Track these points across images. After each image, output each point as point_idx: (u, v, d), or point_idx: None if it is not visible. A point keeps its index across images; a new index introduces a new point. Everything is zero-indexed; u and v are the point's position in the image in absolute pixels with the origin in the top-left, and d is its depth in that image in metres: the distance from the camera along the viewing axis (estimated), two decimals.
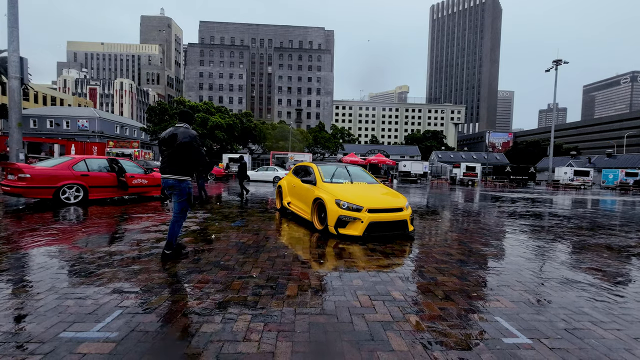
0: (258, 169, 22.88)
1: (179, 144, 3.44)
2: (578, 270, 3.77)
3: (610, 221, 8.10)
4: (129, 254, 3.73)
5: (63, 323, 2.11)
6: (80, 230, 4.95)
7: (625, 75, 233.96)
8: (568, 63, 32.15)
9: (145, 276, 3.03)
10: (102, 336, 1.97)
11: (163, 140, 3.52)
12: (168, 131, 3.55)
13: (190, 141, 3.48)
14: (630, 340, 2.16)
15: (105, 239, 4.45)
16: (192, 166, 3.60)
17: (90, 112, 51.18)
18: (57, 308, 2.32)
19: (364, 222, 4.72)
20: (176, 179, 3.52)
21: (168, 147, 3.49)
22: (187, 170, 3.57)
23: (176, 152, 3.47)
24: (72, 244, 4.16)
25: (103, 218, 6.05)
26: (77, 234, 4.70)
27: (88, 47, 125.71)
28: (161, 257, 3.57)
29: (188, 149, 3.48)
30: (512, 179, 34.38)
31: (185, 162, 3.52)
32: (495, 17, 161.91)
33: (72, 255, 3.67)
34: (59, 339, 1.92)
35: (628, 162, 52.00)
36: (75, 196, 7.54)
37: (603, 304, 2.78)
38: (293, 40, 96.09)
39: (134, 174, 8.63)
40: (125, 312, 2.29)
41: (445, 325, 2.29)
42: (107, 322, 2.15)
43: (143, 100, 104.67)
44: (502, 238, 5.60)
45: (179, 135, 3.46)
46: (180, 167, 3.51)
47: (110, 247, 4.05)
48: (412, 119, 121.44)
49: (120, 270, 3.18)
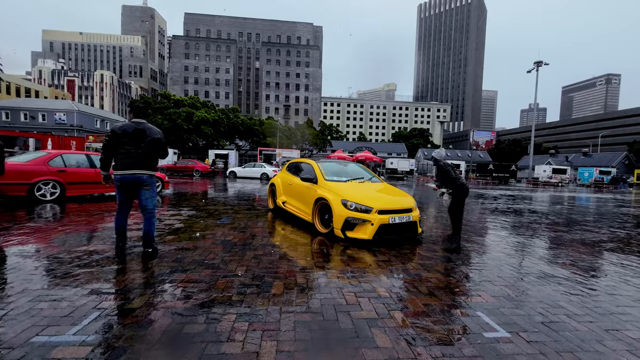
0: (245, 166, 22.59)
1: (151, 140, 3.49)
2: (555, 265, 3.92)
3: (584, 217, 8.48)
4: (108, 253, 3.60)
5: (36, 327, 2.01)
6: (56, 228, 4.74)
7: (601, 78, 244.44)
8: (548, 64, 33.28)
9: (125, 276, 2.94)
10: (77, 340, 1.90)
11: (125, 135, 3.40)
12: (128, 126, 3.46)
13: (160, 137, 3.60)
14: (601, 332, 2.27)
15: (84, 238, 4.28)
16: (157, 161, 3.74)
17: (68, 104, 48.95)
18: (29, 311, 2.21)
19: (374, 225, 4.36)
20: (149, 175, 3.57)
21: (134, 143, 3.44)
22: (156, 165, 3.71)
23: (147, 147, 3.49)
24: (47, 243, 3.97)
25: (81, 216, 5.81)
26: (53, 232, 4.50)
27: (65, 36, 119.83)
28: (143, 257, 3.49)
29: (160, 145, 3.59)
30: (494, 177, 35.42)
31: (155, 158, 3.63)
32: (480, 18, 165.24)
33: (48, 255, 3.51)
34: (30, 344, 1.83)
35: (602, 161, 54.53)
36: (52, 193, 7.22)
37: (577, 298, 2.90)
38: (281, 35, 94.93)
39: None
40: (104, 314, 2.21)
41: (428, 321, 2.33)
42: (84, 324, 2.06)
43: (125, 94, 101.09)
44: (485, 234, 5.75)
45: (148, 131, 3.49)
46: (151, 162, 3.58)
47: (88, 246, 3.89)
48: (400, 117, 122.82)
49: (99, 270, 3.07)
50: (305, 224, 5.63)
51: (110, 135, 3.41)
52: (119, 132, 3.40)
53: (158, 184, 9.58)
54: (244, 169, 22.05)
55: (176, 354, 1.81)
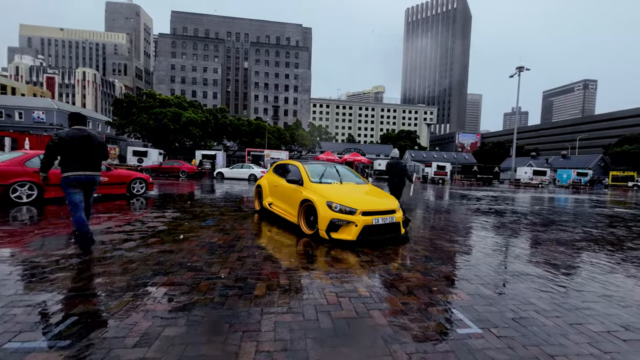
0: (233, 167, 22.37)
1: (98, 144, 3.95)
2: (529, 264, 4.10)
3: (560, 217, 8.86)
4: (87, 257, 3.53)
5: (8, 333, 1.97)
6: (33, 231, 4.60)
7: (579, 83, 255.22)
8: (530, 70, 34.48)
9: (104, 279, 2.89)
10: (52, 345, 1.87)
11: (74, 140, 3.71)
12: (73, 132, 3.76)
13: (104, 142, 4.08)
14: (566, 326, 2.41)
15: (62, 241, 4.17)
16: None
17: (47, 102, 47.20)
18: (2, 317, 2.16)
19: (358, 226, 4.44)
20: (98, 175, 4.05)
21: (84, 147, 3.79)
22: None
23: (95, 151, 3.92)
24: (22, 246, 3.85)
25: (60, 218, 5.65)
26: (29, 235, 4.36)
27: (45, 32, 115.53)
28: (84, 247, 3.82)
29: (105, 149, 4.09)
30: (478, 178, 36.36)
31: (101, 161, 4.10)
32: (465, 23, 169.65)
33: (23, 259, 3.41)
34: (3, 350, 1.80)
35: (580, 163, 56.90)
36: (29, 195, 6.97)
37: (547, 294, 3.06)
38: (270, 36, 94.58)
39: None
40: (80, 319, 2.18)
41: (406, 319, 2.41)
42: (59, 330, 2.04)
43: (108, 92, 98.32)
44: (466, 235, 5.93)
45: (93, 136, 3.92)
46: (99, 165, 4.06)
47: (66, 249, 3.80)
48: (388, 119, 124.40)
49: (76, 274, 3.01)
50: (290, 226, 5.66)
51: (56, 141, 3.64)
52: (67, 138, 3.68)
53: (142, 185, 9.39)
54: (231, 170, 21.83)
55: (154, 357, 1.81)
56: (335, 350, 1.96)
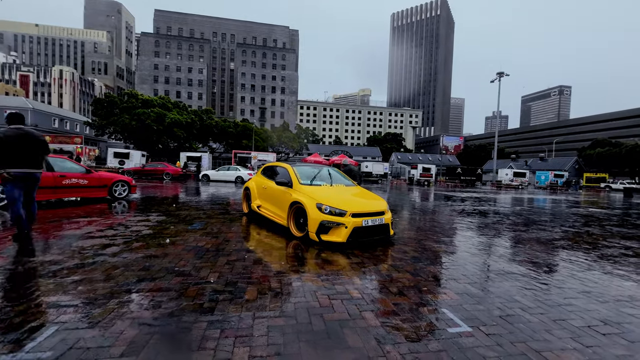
0: (219, 169, 22.02)
1: (40, 142, 4.14)
2: (513, 263, 4.23)
3: (540, 217, 9.21)
4: (67, 263, 3.37)
5: None
6: (6, 237, 4.35)
7: (555, 89, 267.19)
8: (509, 75, 35.81)
9: (87, 287, 2.77)
10: (32, 357, 1.77)
11: (14, 138, 3.89)
12: (13, 132, 3.93)
13: (44, 139, 4.24)
14: (550, 323, 2.50)
15: (39, 247, 3.97)
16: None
17: (21, 102, 44.99)
18: None
19: (347, 228, 4.45)
20: (40, 172, 4.25)
21: (24, 145, 3.98)
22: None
23: (36, 149, 4.11)
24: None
25: (36, 223, 5.37)
26: (2, 241, 4.13)
27: (18, 27, 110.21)
28: (19, 239, 4.02)
29: (45, 146, 4.26)
30: (462, 180, 37.33)
31: (42, 157, 4.26)
32: (449, 30, 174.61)
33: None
34: None
35: (556, 165, 59.44)
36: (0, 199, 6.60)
37: (531, 292, 3.16)
38: (257, 37, 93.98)
39: (67, 173, 7.69)
40: (62, 329, 2.08)
41: (397, 319, 2.44)
42: (39, 340, 1.93)
43: (87, 92, 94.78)
44: (452, 235, 6.07)
45: (34, 134, 4.09)
46: (41, 161, 4.24)
47: (44, 256, 3.62)
48: (374, 121, 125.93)
49: (57, 281, 2.87)
50: (280, 228, 5.61)
51: (1, 140, 3.82)
52: (3, 137, 3.85)
53: (124, 188, 9.08)
54: (217, 172, 21.48)
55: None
56: (328, 353, 1.95)
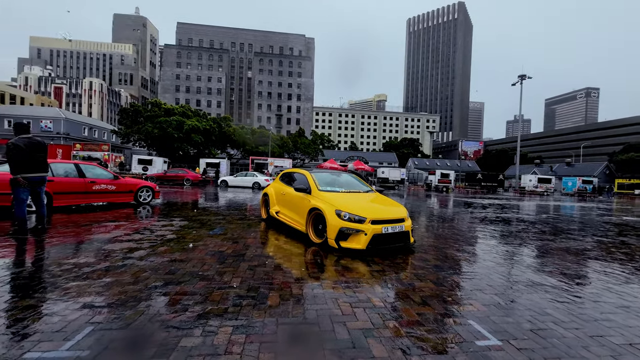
0: (237, 175, 22.47)
1: (45, 148, 4.92)
2: (542, 273, 4.04)
3: (569, 226, 8.75)
4: (99, 266, 3.54)
5: (28, 343, 1.97)
6: (44, 240, 4.63)
7: (581, 91, 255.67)
8: (532, 78, 34.65)
9: (118, 289, 2.90)
10: (72, 355, 1.87)
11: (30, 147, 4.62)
12: (24, 141, 4.59)
13: (47, 145, 5.00)
14: (586, 339, 2.36)
15: (72, 250, 4.19)
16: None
17: (54, 112, 47.99)
18: (18, 327, 2.16)
19: (367, 235, 4.40)
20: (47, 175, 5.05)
21: (38, 152, 4.75)
22: None
23: (44, 155, 4.89)
24: (33, 255, 3.88)
25: (69, 227, 5.69)
26: (39, 244, 4.39)
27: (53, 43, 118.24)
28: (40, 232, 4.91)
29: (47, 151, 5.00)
30: (482, 186, 36.16)
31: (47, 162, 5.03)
32: (466, 33, 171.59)
33: (35, 268, 3.42)
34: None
35: (584, 171, 56.47)
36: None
37: (563, 305, 3.01)
38: (273, 46, 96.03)
39: (96, 179, 8.13)
40: (97, 329, 2.18)
41: (422, 330, 2.38)
42: (77, 339, 2.03)
43: (114, 102, 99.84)
44: (475, 244, 5.88)
45: (41, 142, 4.84)
46: (47, 166, 5.02)
47: (77, 258, 3.82)
48: (390, 127, 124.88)
49: (90, 283, 3.02)
50: (298, 234, 5.64)
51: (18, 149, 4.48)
52: (23, 145, 4.53)
53: (149, 193, 9.45)
54: (235, 178, 21.92)
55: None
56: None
